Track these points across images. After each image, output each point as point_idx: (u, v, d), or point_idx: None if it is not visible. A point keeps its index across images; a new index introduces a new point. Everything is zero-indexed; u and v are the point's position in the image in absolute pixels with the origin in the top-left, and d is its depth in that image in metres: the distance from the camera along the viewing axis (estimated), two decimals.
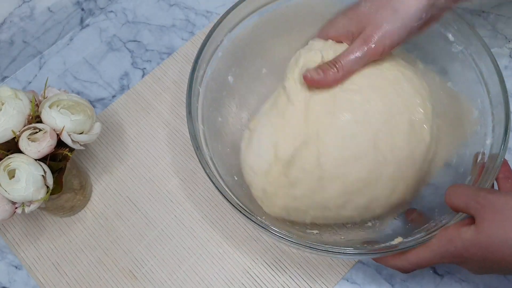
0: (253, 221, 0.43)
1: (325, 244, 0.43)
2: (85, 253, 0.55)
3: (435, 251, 0.40)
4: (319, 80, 0.46)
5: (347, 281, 0.53)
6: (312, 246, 0.43)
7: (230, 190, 0.46)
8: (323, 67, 0.46)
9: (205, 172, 0.45)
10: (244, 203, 0.46)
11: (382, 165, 0.46)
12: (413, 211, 0.51)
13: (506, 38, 0.64)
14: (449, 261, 0.41)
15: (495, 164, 0.44)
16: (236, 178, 0.50)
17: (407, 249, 0.42)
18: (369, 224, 0.51)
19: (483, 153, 0.47)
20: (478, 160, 0.47)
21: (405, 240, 0.43)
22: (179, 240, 0.55)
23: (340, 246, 0.43)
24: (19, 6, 0.60)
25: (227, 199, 0.44)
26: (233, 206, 0.44)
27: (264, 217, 0.46)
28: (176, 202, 0.57)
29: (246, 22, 0.53)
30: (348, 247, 0.43)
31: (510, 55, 0.63)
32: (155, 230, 0.56)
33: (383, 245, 0.44)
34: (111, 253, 0.55)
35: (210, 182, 0.45)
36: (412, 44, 0.53)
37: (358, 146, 0.46)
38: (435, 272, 0.52)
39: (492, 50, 0.48)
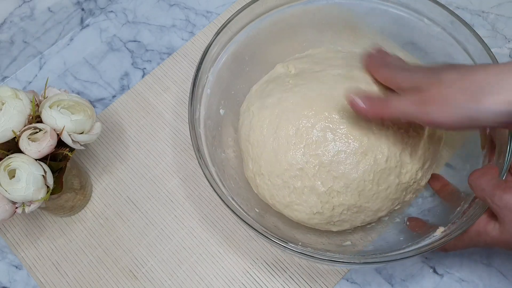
0: (293, 250, 0.42)
1: (367, 255, 0.43)
2: (85, 253, 0.55)
3: (467, 243, 0.44)
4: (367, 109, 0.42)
5: (347, 281, 0.53)
6: (353, 261, 0.42)
7: (261, 225, 0.45)
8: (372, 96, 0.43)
9: (236, 215, 0.44)
10: (275, 233, 0.45)
11: None
12: (412, 220, 0.51)
13: (506, 38, 0.64)
14: (482, 247, 0.45)
15: (505, 159, 0.44)
16: (257, 211, 0.50)
17: (449, 241, 0.43)
18: (398, 220, 0.51)
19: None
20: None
21: (447, 230, 0.44)
22: (179, 240, 0.55)
23: (383, 254, 0.43)
24: (19, 6, 0.60)
25: (266, 237, 0.43)
26: (274, 242, 0.43)
27: (300, 243, 0.44)
28: (176, 202, 0.57)
29: (225, 52, 0.52)
30: (393, 251, 0.43)
31: (510, 55, 0.63)
32: (155, 230, 0.56)
33: (428, 239, 0.44)
34: (111, 253, 0.55)
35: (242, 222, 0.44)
36: (412, 45, 0.53)
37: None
38: (434, 271, 0.52)
39: (492, 50, 0.48)
